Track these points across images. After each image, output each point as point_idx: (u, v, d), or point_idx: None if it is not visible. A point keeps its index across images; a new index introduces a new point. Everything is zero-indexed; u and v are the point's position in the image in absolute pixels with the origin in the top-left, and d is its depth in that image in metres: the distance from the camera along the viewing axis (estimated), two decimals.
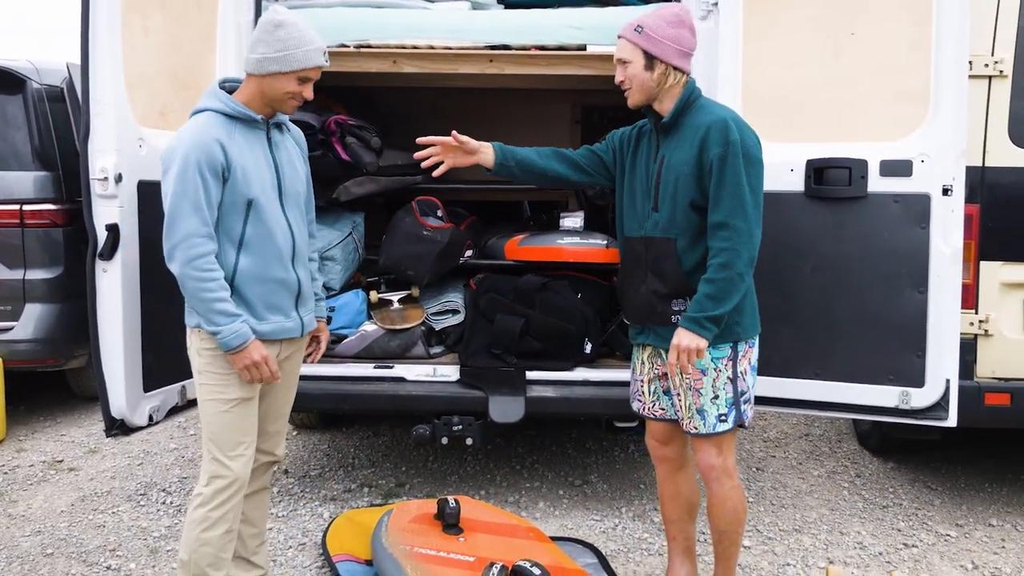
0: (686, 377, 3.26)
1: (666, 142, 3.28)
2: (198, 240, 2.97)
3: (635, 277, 3.37)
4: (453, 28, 4.46)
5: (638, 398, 3.54)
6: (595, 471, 5.23)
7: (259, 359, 3.07)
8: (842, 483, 5.12)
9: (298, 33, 3.06)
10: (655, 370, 3.44)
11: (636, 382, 3.54)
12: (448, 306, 4.85)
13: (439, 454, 5.44)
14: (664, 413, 3.48)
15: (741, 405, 3.30)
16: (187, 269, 2.97)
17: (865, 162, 3.79)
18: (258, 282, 3.14)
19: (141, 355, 3.60)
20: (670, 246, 3.22)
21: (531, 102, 5.92)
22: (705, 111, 3.23)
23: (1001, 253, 4.22)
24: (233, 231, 3.08)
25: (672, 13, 3.25)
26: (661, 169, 3.26)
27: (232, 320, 3.01)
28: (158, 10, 3.73)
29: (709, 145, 3.13)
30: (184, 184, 2.96)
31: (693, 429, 3.32)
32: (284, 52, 3.04)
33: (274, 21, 3.07)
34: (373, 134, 4.67)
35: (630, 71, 3.25)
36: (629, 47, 3.24)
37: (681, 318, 3.17)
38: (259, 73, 3.08)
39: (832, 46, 3.83)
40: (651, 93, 3.25)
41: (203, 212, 2.97)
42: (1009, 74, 4.14)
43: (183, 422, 6.04)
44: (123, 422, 3.60)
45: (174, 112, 3.80)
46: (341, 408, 4.91)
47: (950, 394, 3.78)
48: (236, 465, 3.15)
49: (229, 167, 3.02)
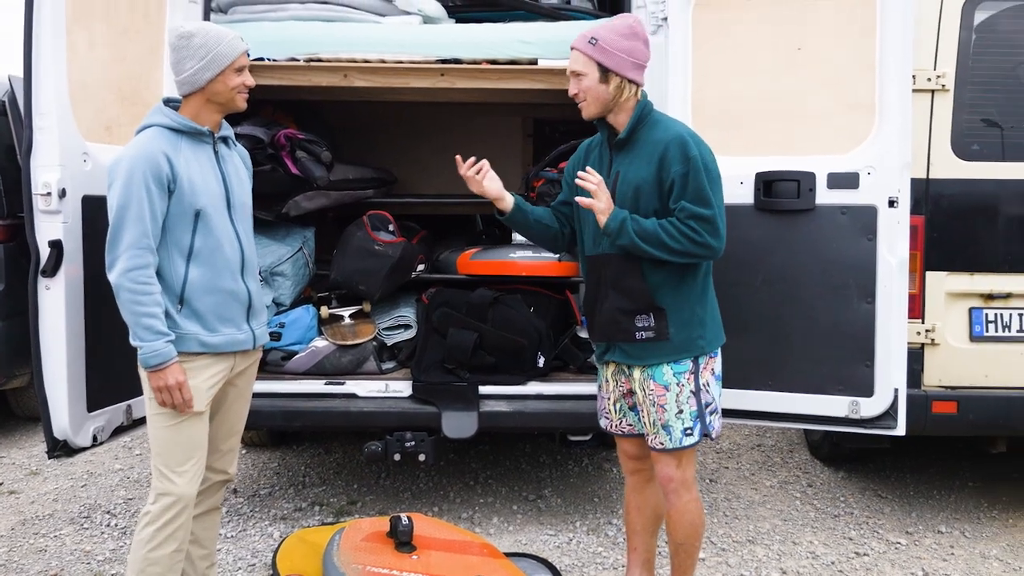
0: (649, 393, 3.26)
1: (620, 156, 3.28)
2: (138, 252, 2.95)
3: (598, 295, 3.35)
4: (404, 42, 4.45)
5: (605, 415, 3.53)
6: (549, 485, 5.22)
7: (173, 383, 3.02)
8: (794, 493, 5.16)
9: (213, 32, 3.11)
10: (620, 388, 3.42)
11: (602, 399, 3.52)
12: (400, 321, 4.82)
13: (391, 471, 5.39)
14: (632, 428, 3.47)
15: (707, 417, 3.30)
16: (123, 279, 2.95)
17: (813, 175, 3.84)
18: (208, 293, 3.12)
19: (85, 374, 3.52)
20: (632, 263, 3.21)
21: (482, 116, 5.92)
22: (661, 126, 3.23)
23: (946, 263, 4.30)
24: (182, 242, 3.06)
25: (626, 25, 3.25)
26: (616, 184, 3.25)
27: (157, 338, 2.99)
28: (104, 23, 3.67)
29: (670, 163, 3.13)
30: (128, 196, 2.94)
31: (659, 444, 3.31)
32: (210, 55, 3.07)
33: (184, 35, 3.10)
34: (324, 148, 4.63)
35: (585, 83, 3.23)
36: (583, 59, 3.22)
37: (628, 218, 3.14)
38: (197, 88, 3.09)
39: (780, 60, 3.89)
40: (606, 106, 3.24)
41: (146, 224, 2.95)
42: (951, 88, 4.22)
43: (128, 442, 5.92)
44: (66, 443, 3.51)
45: (120, 127, 3.74)
46: (292, 426, 4.85)
47: (899, 403, 3.83)
48: (183, 482, 3.10)
49: (175, 178, 3.01)
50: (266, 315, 3.43)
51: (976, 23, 4.24)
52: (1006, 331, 4.33)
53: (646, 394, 3.28)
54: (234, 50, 3.11)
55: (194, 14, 4.10)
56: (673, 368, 3.23)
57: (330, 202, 4.90)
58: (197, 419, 3.13)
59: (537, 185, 4.83)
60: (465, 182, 3.47)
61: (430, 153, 6.04)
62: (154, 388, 3.03)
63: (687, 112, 3.91)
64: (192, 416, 3.10)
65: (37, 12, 3.32)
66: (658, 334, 3.21)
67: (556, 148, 4.87)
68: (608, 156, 3.33)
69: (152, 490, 3.13)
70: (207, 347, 3.11)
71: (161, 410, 3.09)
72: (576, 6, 5.09)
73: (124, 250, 2.95)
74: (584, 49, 3.22)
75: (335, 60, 4.41)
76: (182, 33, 3.10)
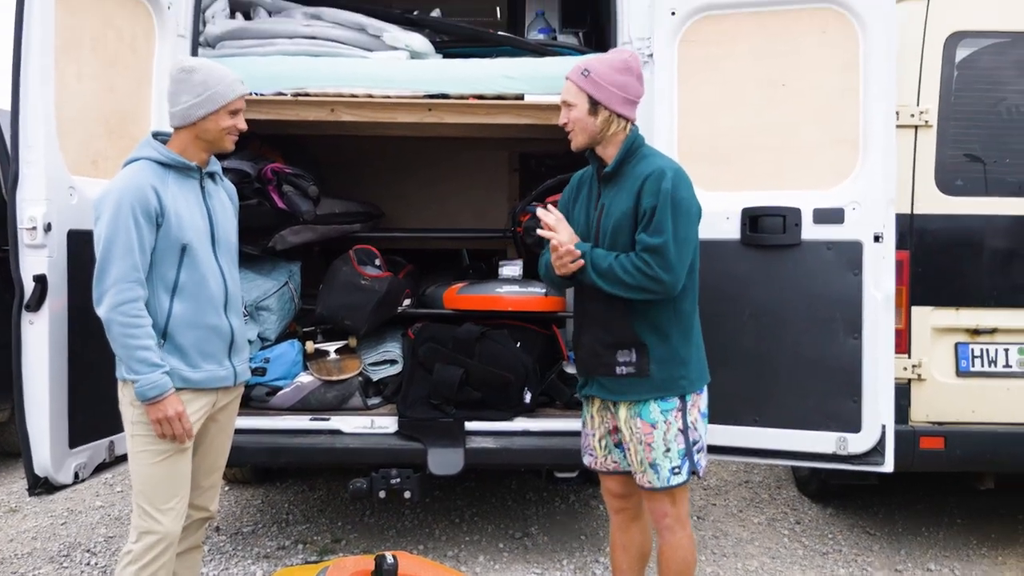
0: (636, 431, 3.24)
1: (607, 190, 3.28)
2: (127, 285, 2.94)
3: (581, 326, 3.36)
4: (391, 77, 4.46)
5: (589, 452, 3.49)
6: (535, 523, 5.17)
7: (173, 415, 3.00)
8: (782, 530, 5.13)
9: (214, 71, 3.12)
10: (605, 424, 3.39)
11: (587, 436, 3.49)
12: (386, 356, 4.79)
13: (376, 508, 5.34)
14: (617, 466, 3.43)
15: (694, 455, 3.27)
16: (114, 314, 2.93)
17: (799, 210, 3.85)
18: (192, 328, 3.10)
19: (68, 410, 3.47)
20: (615, 297, 3.19)
21: (469, 150, 5.94)
22: (646, 161, 3.22)
23: (932, 298, 4.31)
24: (167, 277, 3.05)
25: (621, 60, 3.26)
26: (601, 217, 3.25)
27: (153, 370, 2.97)
28: (92, 55, 3.66)
29: (644, 196, 3.13)
30: (116, 228, 2.93)
31: (647, 483, 3.28)
32: (208, 92, 3.07)
33: (186, 68, 3.11)
34: (310, 182, 4.62)
35: (574, 114, 3.24)
36: (574, 90, 3.23)
37: (590, 251, 3.15)
38: (189, 123, 3.09)
39: (764, 96, 3.92)
40: (593, 138, 3.25)
41: (135, 257, 2.94)
42: (934, 124, 4.26)
43: (110, 479, 5.85)
44: (47, 480, 3.45)
45: (107, 160, 3.73)
46: (276, 462, 4.81)
47: (886, 439, 3.82)
48: (167, 520, 3.06)
49: (163, 212, 3.01)
50: (248, 351, 3.42)
51: (958, 59, 4.29)
52: (992, 366, 4.33)
53: (633, 432, 3.25)
54: (232, 92, 3.12)
55: (182, 48, 4.10)
56: (660, 405, 3.21)
57: (316, 236, 4.89)
58: (181, 455, 3.10)
59: (524, 219, 4.83)
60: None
61: (417, 187, 6.05)
62: (153, 421, 3.00)
63: (672, 147, 3.93)
64: (176, 452, 3.07)
65: (26, 44, 3.32)
66: (639, 371, 3.20)
67: (542, 183, 4.88)
68: (597, 189, 3.33)
69: (133, 528, 3.08)
70: (188, 383, 3.09)
71: (145, 447, 3.05)
72: (562, 42, 5.13)
73: (112, 284, 2.94)
74: (576, 80, 3.23)
75: (323, 95, 4.42)
76: (185, 67, 3.11)
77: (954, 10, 4.27)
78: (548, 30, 5.34)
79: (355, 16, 4.73)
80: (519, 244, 5.05)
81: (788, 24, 3.87)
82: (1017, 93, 4.33)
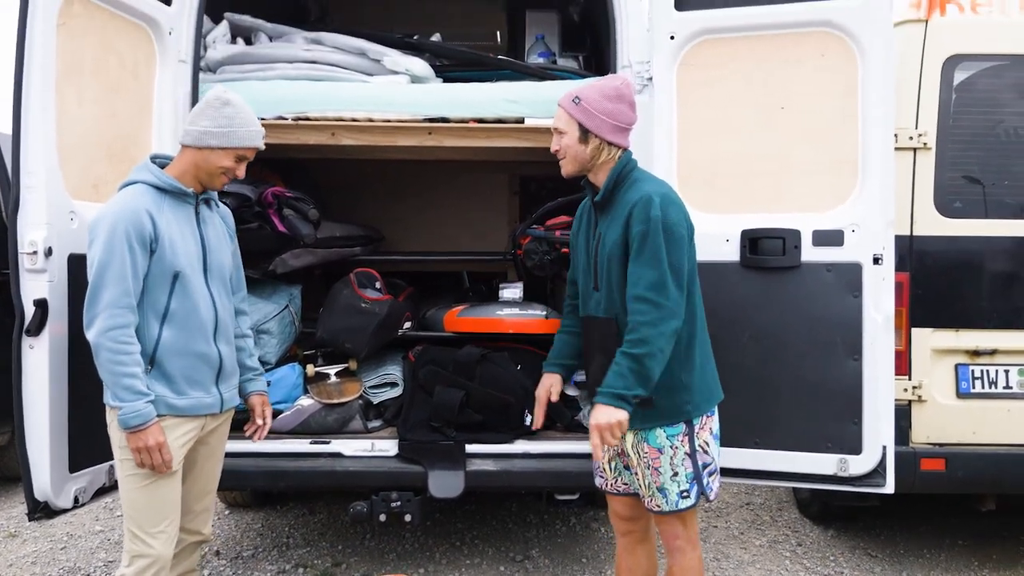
0: (643, 456, 3.23)
1: (602, 218, 3.27)
2: (118, 311, 2.94)
3: (588, 354, 3.38)
4: (392, 101, 4.48)
5: (600, 473, 3.49)
6: (536, 545, 5.16)
7: (153, 444, 3.00)
8: (784, 552, 5.11)
9: (244, 113, 3.15)
10: (614, 447, 3.37)
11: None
12: (387, 379, 4.78)
13: (377, 531, 5.32)
14: (628, 488, 3.43)
15: (704, 479, 3.25)
16: (102, 339, 2.94)
17: (798, 232, 3.86)
18: (180, 356, 3.11)
19: (68, 434, 3.46)
20: (612, 326, 3.20)
21: (469, 174, 5.96)
22: (636, 187, 3.18)
23: (931, 320, 4.32)
24: (158, 303, 3.06)
25: (612, 87, 3.24)
26: (598, 247, 3.25)
27: (137, 398, 2.97)
28: (93, 80, 3.68)
29: (633, 223, 3.10)
30: (110, 253, 2.94)
31: (656, 507, 3.27)
32: (228, 129, 3.10)
33: (222, 99, 3.14)
34: (311, 206, 4.63)
35: (564, 142, 3.24)
36: (565, 117, 3.23)
37: (599, 392, 3.08)
38: (197, 146, 3.11)
39: (764, 119, 3.93)
40: (584, 165, 3.25)
41: (127, 283, 2.95)
42: (933, 147, 4.28)
43: (109, 503, 5.83)
44: (47, 504, 3.44)
45: (107, 184, 3.73)
46: (276, 486, 4.79)
47: (887, 460, 3.81)
48: (158, 543, 3.06)
49: (157, 238, 3.02)
50: (237, 378, 3.42)
51: (956, 82, 4.32)
52: (992, 387, 4.34)
53: (640, 457, 3.25)
54: (250, 140, 3.16)
55: (183, 73, 4.13)
56: (667, 431, 3.20)
57: (317, 260, 4.90)
58: (170, 479, 3.10)
59: (524, 242, 4.84)
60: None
61: (417, 210, 6.07)
62: (132, 449, 3.00)
63: (672, 170, 3.94)
64: (165, 476, 3.07)
65: (27, 68, 3.33)
66: (643, 400, 3.19)
67: (542, 205, 4.90)
68: (594, 218, 3.33)
69: (126, 552, 3.09)
70: (173, 409, 3.10)
71: (133, 471, 3.05)
72: (562, 66, 5.16)
73: (103, 309, 2.94)
74: (567, 107, 3.23)
75: (323, 119, 4.43)
76: (223, 97, 3.14)
77: (952, 33, 4.31)
78: (548, 54, 5.37)
79: (355, 41, 4.75)
80: (519, 267, 5.06)
81: (787, 48, 3.89)
82: (1015, 115, 4.35)
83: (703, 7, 3.96)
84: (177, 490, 3.15)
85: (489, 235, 6.11)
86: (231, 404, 3.36)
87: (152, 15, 3.98)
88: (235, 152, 3.14)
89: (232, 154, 3.13)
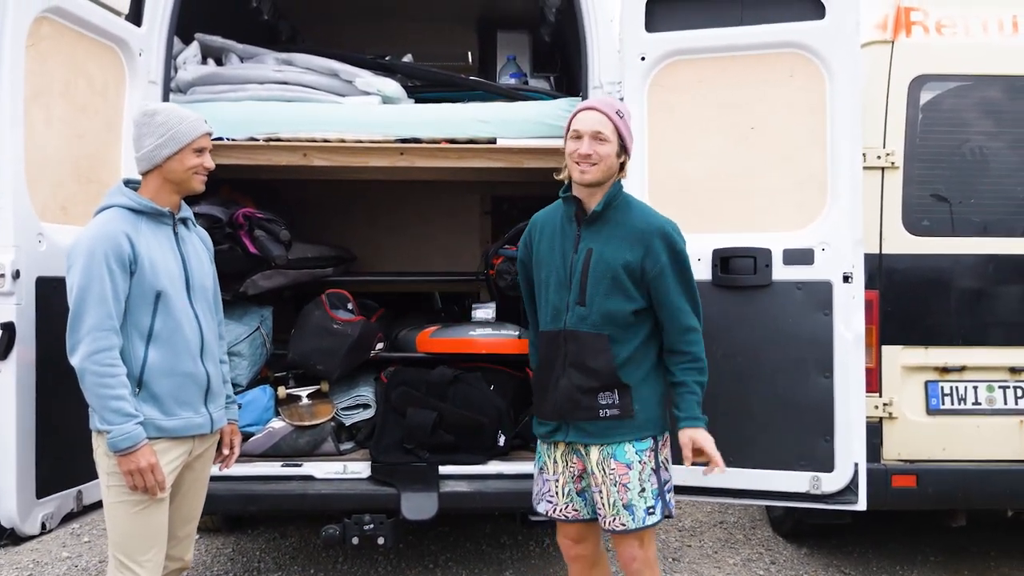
0: (610, 472, 3.22)
1: (591, 233, 3.27)
2: (102, 334, 2.91)
3: (553, 371, 3.30)
4: (364, 122, 4.48)
5: (548, 499, 3.42)
6: (510, 567, 5.13)
7: (145, 466, 2.96)
8: (758, 571, 5.12)
9: (176, 112, 3.15)
10: (571, 468, 3.34)
11: (546, 483, 3.42)
12: (359, 400, 4.76)
13: (349, 555, 5.28)
14: (577, 514, 3.38)
15: (666, 495, 3.28)
16: (87, 363, 2.90)
17: (769, 251, 3.89)
18: (167, 376, 3.08)
19: (35, 459, 3.41)
20: (602, 342, 3.19)
21: (441, 194, 5.96)
22: (636, 211, 3.29)
23: (901, 337, 4.36)
24: (142, 324, 3.03)
25: (625, 107, 3.35)
26: (588, 262, 3.24)
27: (126, 420, 2.93)
28: (62, 101, 3.66)
29: (657, 253, 3.20)
30: (90, 277, 2.92)
31: (620, 526, 3.24)
32: (170, 132, 3.09)
33: (148, 112, 3.14)
34: (282, 227, 4.61)
35: (605, 149, 3.21)
36: (611, 127, 3.22)
37: (686, 419, 3.24)
38: (155, 164, 3.10)
39: (734, 139, 3.96)
40: (608, 178, 3.26)
41: (109, 305, 2.92)
42: (900, 166, 4.34)
43: (77, 529, 5.74)
44: (13, 531, 3.38)
45: (76, 206, 3.70)
46: (247, 510, 4.74)
47: (859, 477, 3.83)
48: (146, 572, 3.03)
49: (136, 259, 2.99)
50: (224, 398, 3.39)
51: (922, 102, 4.38)
52: (962, 404, 4.38)
53: (606, 474, 3.23)
54: (194, 131, 3.12)
55: (154, 94, 4.10)
56: (635, 446, 3.21)
57: (288, 281, 4.87)
58: (158, 506, 3.06)
59: (496, 262, 4.85)
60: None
61: (389, 231, 6.05)
62: (124, 472, 2.96)
63: (644, 190, 3.95)
64: (153, 503, 3.03)
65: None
66: (623, 412, 3.20)
67: (514, 225, 4.90)
68: (575, 231, 3.31)
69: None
70: (163, 431, 3.06)
71: (121, 498, 3.01)
72: (533, 87, 5.18)
73: (87, 333, 2.91)
74: (612, 118, 3.23)
75: (295, 139, 4.42)
76: (146, 110, 3.14)
77: (918, 54, 4.38)
78: (519, 74, 5.40)
79: (327, 61, 4.75)
80: (492, 287, 5.06)
81: (756, 69, 3.93)
82: (980, 134, 4.42)
83: (673, 28, 3.99)
84: (165, 517, 3.12)
85: (461, 255, 6.10)
86: (220, 424, 3.33)
87: (122, 36, 3.97)
88: (190, 148, 3.12)
89: (189, 152, 3.12)
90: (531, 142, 4.39)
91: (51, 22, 3.57)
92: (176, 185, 3.16)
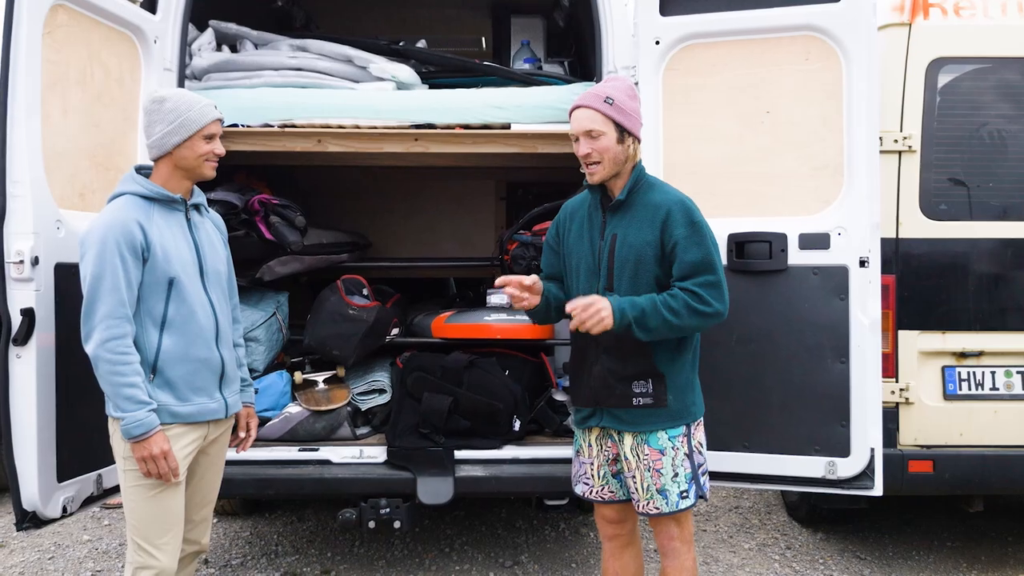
0: (644, 458, 3.22)
1: (616, 219, 3.25)
2: (115, 322, 2.93)
3: (587, 358, 3.30)
4: (378, 108, 4.49)
5: (584, 481, 3.45)
6: (525, 551, 5.15)
7: (158, 453, 2.98)
8: (773, 556, 5.12)
9: (185, 99, 3.13)
10: (605, 453, 3.36)
11: (582, 464, 3.44)
12: (374, 386, 4.78)
13: (366, 538, 5.31)
14: (613, 495, 3.41)
15: (700, 478, 3.28)
16: (101, 351, 2.92)
17: (785, 236, 3.87)
18: (181, 362, 3.09)
19: (56, 443, 3.45)
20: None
21: (456, 179, 5.96)
22: (657, 189, 3.24)
23: (918, 322, 4.34)
24: (155, 311, 3.04)
25: (628, 86, 3.27)
26: (614, 248, 3.22)
27: (139, 408, 2.95)
28: (78, 89, 3.67)
29: (672, 226, 3.14)
30: (103, 265, 2.93)
31: (654, 509, 3.25)
32: (179, 119, 3.08)
33: (157, 99, 3.13)
34: (297, 213, 4.63)
35: (603, 143, 3.16)
36: (600, 119, 3.16)
37: (617, 299, 3.07)
38: (165, 151, 3.10)
39: (750, 123, 3.94)
40: (620, 167, 3.21)
41: (122, 293, 2.93)
42: (918, 149, 4.30)
43: (97, 512, 5.80)
44: (35, 514, 3.41)
45: (93, 193, 3.72)
46: (265, 494, 4.76)
47: (875, 463, 3.82)
48: (163, 555, 3.05)
49: (148, 247, 3.00)
50: (239, 383, 3.40)
51: (940, 85, 4.34)
52: (979, 389, 4.36)
53: (640, 459, 3.24)
54: (204, 117, 3.12)
55: (168, 81, 4.12)
56: (668, 432, 3.21)
57: (304, 267, 4.89)
58: (175, 490, 3.08)
59: (511, 248, 4.85)
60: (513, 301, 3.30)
61: (404, 217, 6.07)
62: (138, 459, 2.98)
63: (658, 175, 3.93)
64: (170, 487, 3.06)
65: (12, 78, 3.32)
66: (656, 401, 3.19)
67: (529, 211, 4.90)
68: (601, 218, 3.30)
69: (128, 564, 3.06)
70: (178, 417, 3.08)
71: (138, 482, 3.03)
72: (548, 72, 5.17)
73: (100, 320, 2.93)
74: (601, 108, 3.16)
75: (310, 126, 4.43)
76: (155, 97, 3.13)
77: (935, 37, 4.33)
78: (533, 59, 5.38)
79: (341, 48, 4.75)
80: (507, 272, 5.06)
81: (771, 52, 3.91)
82: (999, 117, 4.38)
83: (688, 12, 3.97)
84: (181, 501, 3.14)
85: (476, 241, 6.11)
86: (235, 409, 3.35)
87: (137, 24, 3.98)
88: (200, 135, 3.11)
89: (199, 139, 3.11)
90: (545, 127, 4.39)
91: (67, 9, 3.58)
92: (187, 172, 3.16)
